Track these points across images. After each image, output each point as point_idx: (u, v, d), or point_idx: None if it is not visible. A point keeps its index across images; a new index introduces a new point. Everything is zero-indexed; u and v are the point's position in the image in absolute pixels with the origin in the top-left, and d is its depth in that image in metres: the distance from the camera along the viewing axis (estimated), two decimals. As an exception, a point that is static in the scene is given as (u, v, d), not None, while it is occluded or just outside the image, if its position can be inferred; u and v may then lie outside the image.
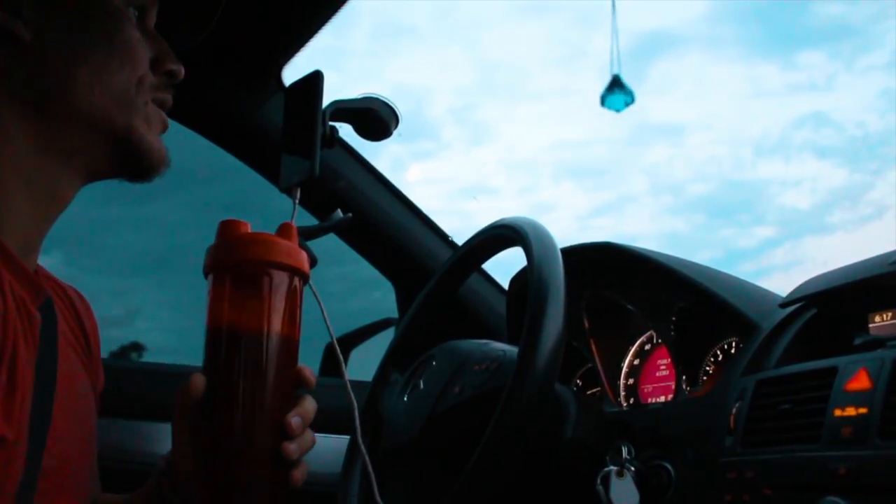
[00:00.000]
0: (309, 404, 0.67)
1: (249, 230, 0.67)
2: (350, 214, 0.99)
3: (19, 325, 0.65)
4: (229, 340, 0.64)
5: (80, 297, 0.85)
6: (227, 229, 0.66)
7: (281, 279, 0.65)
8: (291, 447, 0.64)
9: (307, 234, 0.91)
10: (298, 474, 0.66)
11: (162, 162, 0.76)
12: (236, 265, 0.65)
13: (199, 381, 0.64)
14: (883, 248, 0.87)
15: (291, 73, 1.27)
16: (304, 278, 0.69)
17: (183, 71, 0.78)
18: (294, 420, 0.65)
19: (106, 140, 0.73)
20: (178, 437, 0.67)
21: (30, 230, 0.72)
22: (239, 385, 0.64)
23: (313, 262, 0.75)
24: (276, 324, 0.65)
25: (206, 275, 0.67)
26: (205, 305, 0.67)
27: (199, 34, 0.86)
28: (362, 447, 0.77)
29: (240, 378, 0.64)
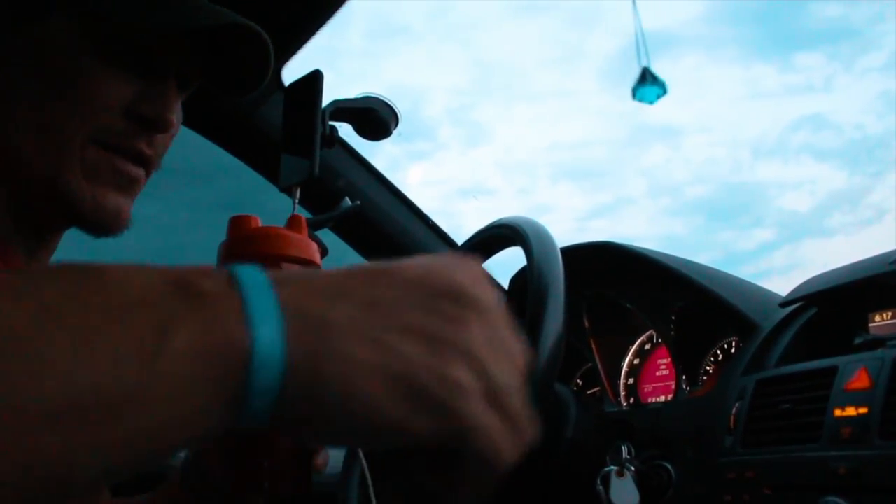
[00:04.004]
0: None
1: (259, 224, 0.69)
2: (358, 202, 1.00)
3: None
4: None
5: None
6: (238, 225, 0.68)
7: None
8: None
9: (316, 225, 0.91)
10: (320, 460, 0.67)
11: (111, 222, 0.64)
12: (250, 261, 0.67)
13: None
14: (882, 251, 0.87)
15: (290, 72, 1.27)
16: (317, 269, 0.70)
17: (168, 121, 0.65)
18: None
19: (28, 188, 0.62)
20: None
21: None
22: None
23: (324, 252, 0.77)
24: None
25: None
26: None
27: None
28: (359, 451, 0.77)
29: None
